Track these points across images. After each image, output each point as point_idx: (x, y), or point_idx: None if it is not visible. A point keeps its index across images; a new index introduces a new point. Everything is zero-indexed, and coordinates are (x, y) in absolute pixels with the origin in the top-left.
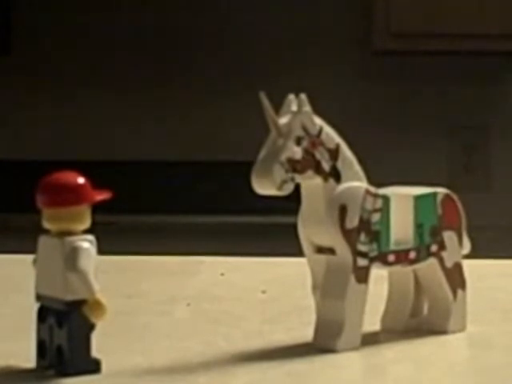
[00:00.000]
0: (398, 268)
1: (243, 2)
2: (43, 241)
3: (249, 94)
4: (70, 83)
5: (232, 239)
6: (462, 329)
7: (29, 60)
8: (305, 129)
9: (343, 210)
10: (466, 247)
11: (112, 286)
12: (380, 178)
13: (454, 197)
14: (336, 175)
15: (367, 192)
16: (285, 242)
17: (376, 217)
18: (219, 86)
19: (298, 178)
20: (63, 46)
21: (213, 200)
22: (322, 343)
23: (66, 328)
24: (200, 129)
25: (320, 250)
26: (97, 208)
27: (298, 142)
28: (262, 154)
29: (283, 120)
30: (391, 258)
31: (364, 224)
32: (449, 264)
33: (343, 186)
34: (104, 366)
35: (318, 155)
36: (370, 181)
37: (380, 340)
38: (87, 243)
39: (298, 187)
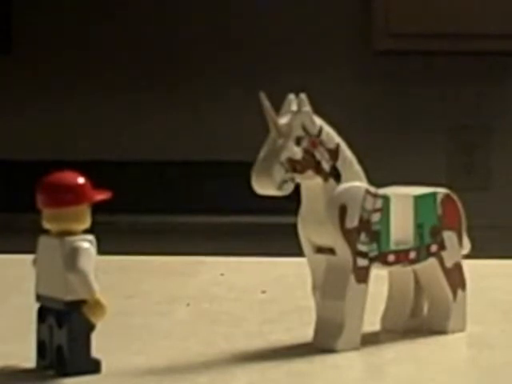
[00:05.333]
0: (397, 268)
1: (243, 2)
2: (43, 241)
3: (249, 94)
4: (70, 83)
5: (232, 239)
6: (462, 329)
7: (29, 60)
8: (305, 129)
9: (343, 210)
10: (466, 247)
11: (112, 286)
12: (380, 178)
13: (454, 197)
14: (336, 175)
15: (367, 192)
16: (285, 242)
17: (376, 217)
18: (219, 86)
19: (298, 178)
20: (63, 46)
21: (213, 200)
22: (322, 343)
23: (65, 328)
24: (200, 129)
25: (320, 250)
26: (97, 208)
27: (298, 142)
28: (262, 154)
29: (283, 120)
30: (391, 258)
31: (364, 224)
32: (449, 264)
33: (343, 186)
34: (104, 366)
35: (318, 155)
36: (370, 181)
37: (380, 340)
38: (87, 243)
39: (298, 187)
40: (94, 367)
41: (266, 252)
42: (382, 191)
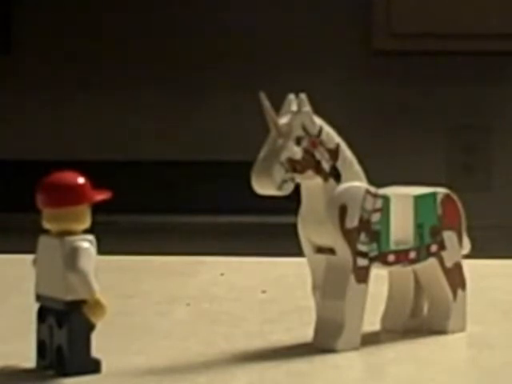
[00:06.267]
0: (397, 268)
1: (243, 2)
2: (43, 241)
3: (249, 93)
4: (70, 83)
5: (232, 239)
6: (462, 329)
7: (29, 60)
8: (305, 129)
9: (343, 210)
10: (466, 247)
11: (112, 286)
12: (380, 178)
13: (454, 197)
14: (336, 175)
15: (367, 192)
16: (285, 242)
17: (376, 217)
18: (219, 86)
19: (298, 178)
20: (63, 45)
21: (213, 200)
22: (322, 343)
23: (65, 328)
24: (200, 129)
25: (320, 250)
26: (97, 208)
27: (298, 142)
28: (262, 154)
29: (283, 120)
30: (391, 258)
31: (364, 224)
32: (449, 264)
33: (343, 186)
34: (104, 366)
35: (318, 155)
36: (370, 181)
37: (380, 340)
38: (87, 243)
39: (298, 187)
40: (94, 367)
41: (266, 252)
42: (382, 191)
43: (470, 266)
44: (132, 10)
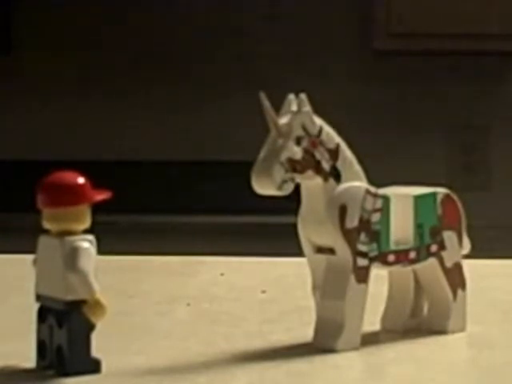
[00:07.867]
0: (397, 268)
1: (243, 1)
2: (43, 241)
3: (249, 94)
4: (69, 83)
5: (232, 239)
6: (462, 329)
7: (29, 60)
8: (305, 129)
9: (343, 210)
10: (466, 247)
11: (112, 286)
12: (380, 178)
13: (454, 197)
14: (336, 175)
15: (367, 192)
16: (285, 242)
17: (376, 217)
18: (219, 86)
19: (298, 178)
20: (63, 46)
21: (213, 200)
22: (322, 343)
23: (65, 328)
24: (200, 129)
25: (320, 250)
26: (97, 208)
27: (298, 142)
28: (262, 154)
29: (283, 120)
30: (391, 258)
31: (364, 224)
32: (449, 264)
33: (343, 186)
34: (104, 366)
35: (318, 155)
36: (370, 181)
37: (380, 340)
38: (87, 243)
39: (297, 187)
40: (94, 367)
41: (266, 252)
42: (382, 191)
43: (470, 266)
44: (132, 10)
